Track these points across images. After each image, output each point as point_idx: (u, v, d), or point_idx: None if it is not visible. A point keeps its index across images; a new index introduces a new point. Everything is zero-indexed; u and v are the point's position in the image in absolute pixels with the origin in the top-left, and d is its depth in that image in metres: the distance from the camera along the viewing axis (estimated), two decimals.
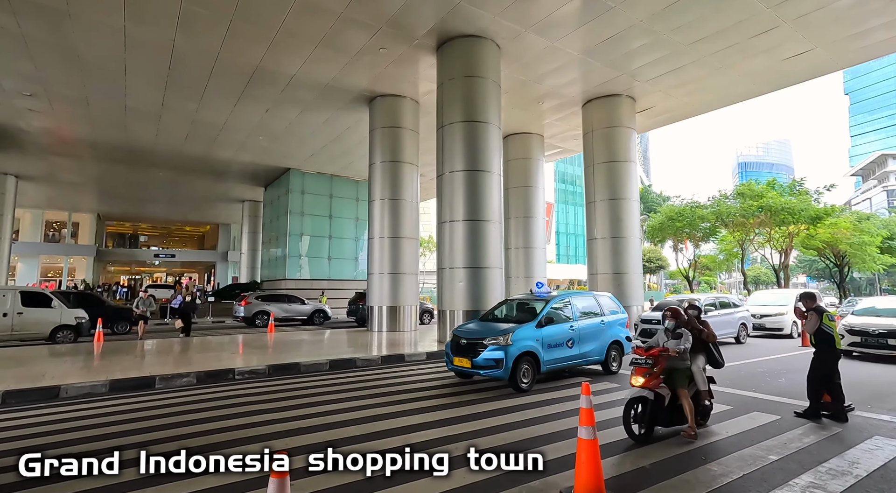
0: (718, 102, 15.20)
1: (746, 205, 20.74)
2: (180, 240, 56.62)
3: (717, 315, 11.50)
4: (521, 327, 6.69)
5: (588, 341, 7.44)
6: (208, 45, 11.15)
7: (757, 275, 57.67)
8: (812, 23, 10.34)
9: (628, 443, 4.11)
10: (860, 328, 9.44)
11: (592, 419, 3.06)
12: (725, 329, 11.61)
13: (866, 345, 9.26)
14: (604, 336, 7.71)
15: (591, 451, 2.99)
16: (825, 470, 3.48)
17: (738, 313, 12.39)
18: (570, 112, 15.79)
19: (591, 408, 3.09)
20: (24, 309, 11.41)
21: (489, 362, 6.26)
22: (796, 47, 11.36)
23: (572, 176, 73.82)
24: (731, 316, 12.05)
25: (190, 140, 18.33)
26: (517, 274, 17.67)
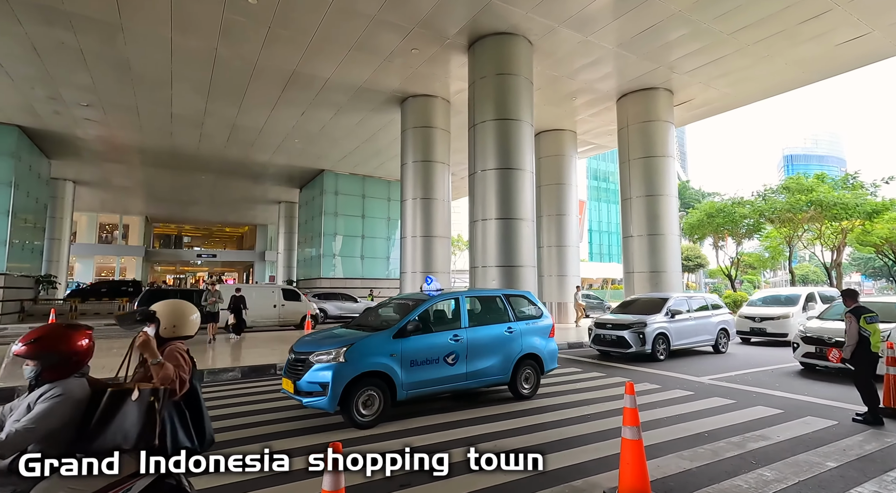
0: (763, 92, 14.50)
1: (794, 199, 19.65)
2: (221, 241, 58.99)
3: (687, 320, 9.88)
4: (370, 337, 5.02)
5: (484, 355, 5.62)
6: (248, 52, 11.57)
7: (805, 273, 54.61)
8: (869, 4, 9.70)
9: (672, 446, 3.99)
10: (814, 336, 7.64)
11: (637, 419, 2.99)
12: (700, 336, 10.05)
13: (822, 356, 7.41)
14: (511, 348, 5.86)
15: (635, 451, 2.93)
16: (891, 479, 3.27)
17: (716, 316, 10.59)
18: (603, 107, 15.44)
19: (636, 408, 3.03)
20: (285, 302, 15.01)
21: (313, 386, 4.55)
22: (851, 31, 10.68)
23: (605, 172, 72.23)
24: (706, 320, 10.28)
25: (230, 144, 19.06)
26: (550, 273, 17.44)
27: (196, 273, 56.01)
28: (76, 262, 36.66)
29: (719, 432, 4.39)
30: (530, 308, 6.60)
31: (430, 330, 5.47)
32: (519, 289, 10.69)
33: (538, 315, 6.48)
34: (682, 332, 9.68)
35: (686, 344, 9.82)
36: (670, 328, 9.41)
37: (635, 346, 8.91)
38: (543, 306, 6.77)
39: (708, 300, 11.02)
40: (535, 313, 6.53)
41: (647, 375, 7.58)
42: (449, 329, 5.59)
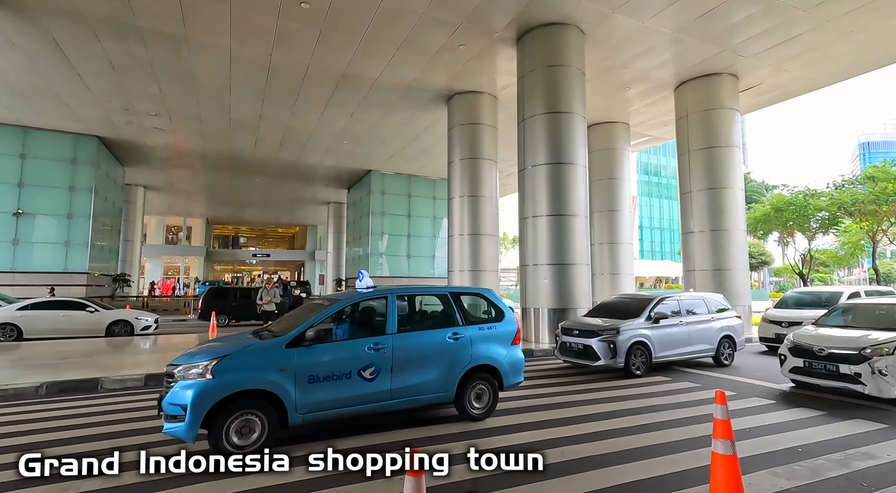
0: (843, 73, 13.19)
1: (878, 189, 17.79)
2: (274, 241, 61.72)
3: (677, 325, 7.96)
4: (250, 346, 4.12)
5: (417, 367, 4.58)
6: (300, 56, 11.90)
7: (888, 271, 49.63)
8: None
9: (756, 460, 3.62)
10: (803, 346, 6.21)
11: (730, 432, 2.71)
12: (695, 345, 8.13)
13: (811, 372, 6.02)
14: (456, 359, 4.79)
15: (730, 468, 2.65)
16: None
17: (719, 320, 8.61)
18: (660, 96, 14.65)
19: (728, 419, 2.74)
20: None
21: (175, 408, 3.71)
22: None
23: (656, 166, 69.17)
24: (705, 326, 8.34)
25: (283, 147, 19.79)
26: (602, 271, 16.81)
27: (251, 272, 58.93)
28: (146, 262, 39.56)
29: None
30: (489, 310, 5.41)
31: (345, 337, 4.55)
32: (573, 287, 10.31)
33: (498, 318, 5.27)
34: (670, 341, 7.82)
35: (676, 355, 7.95)
36: (652, 336, 7.59)
37: (604, 358, 7.23)
38: (508, 306, 5.49)
39: (709, 302, 8.88)
40: (493, 315, 5.32)
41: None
42: (370, 336, 4.52)
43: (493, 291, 5.65)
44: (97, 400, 5.87)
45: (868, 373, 5.41)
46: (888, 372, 5.30)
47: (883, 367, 5.34)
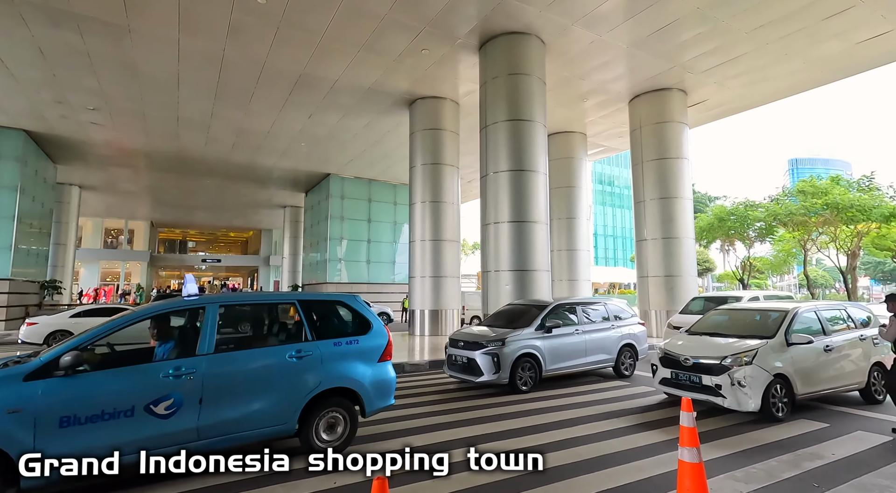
0: (779, 92, 14.21)
1: (809, 203, 19.33)
2: (225, 245, 58.98)
3: (572, 335, 7.38)
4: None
5: (240, 396, 3.69)
6: (256, 54, 11.40)
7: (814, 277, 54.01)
8: (892, 1, 9.42)
9: (720, 464, 3.68)
10: (671, 355, 5.71)
11: (696, 440, 2.71)
12: (593, 355, 7.56)
13: (678, 383, 5.55)
14: (298, 383, 3.92)
15: (696, 476, 2.64)
16: None
17: (620, 327, 8.05)
18: (615, 109, 15.20)
19: (694, 427, 2.74)
20: None
21: None
22: (874, 29, 10.41)
23: (610, 176, 72.02)
24: (604, 334, 7.78)
25: (236, 148, 18.92)
26: (560, 277, 17.15)
27: (200, 278, 55.98)
28: (81, 267, 36.62)
29: None
30: (351, 321, 4.55)
31: (138, 360, 3.71)
32: (533, 293, 10.37)
33: (362, 331, 4.42)
34: (564, 351, 7.22)
35: (570, 367, 7.33)
36: (543, 347, 6.97)
37: (487, 373, 6.50)
38: (376, 315, 4.62)
39: (610, 309, 8.26)
40: (356, 328, 4.46)
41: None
42: (179, 358, 3.60)
43: (358, 298, 4.69)
44: None
45: (728, 384, 4.98)
46: (747, 383, 4.89)
47: (742, 377, 4.94)
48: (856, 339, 5.95)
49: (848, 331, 5.99)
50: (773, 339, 5.26)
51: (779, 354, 5.17)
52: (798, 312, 5.70)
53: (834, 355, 5.59)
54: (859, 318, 6.32)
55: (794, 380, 5.13)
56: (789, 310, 5.70)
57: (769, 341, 5.23)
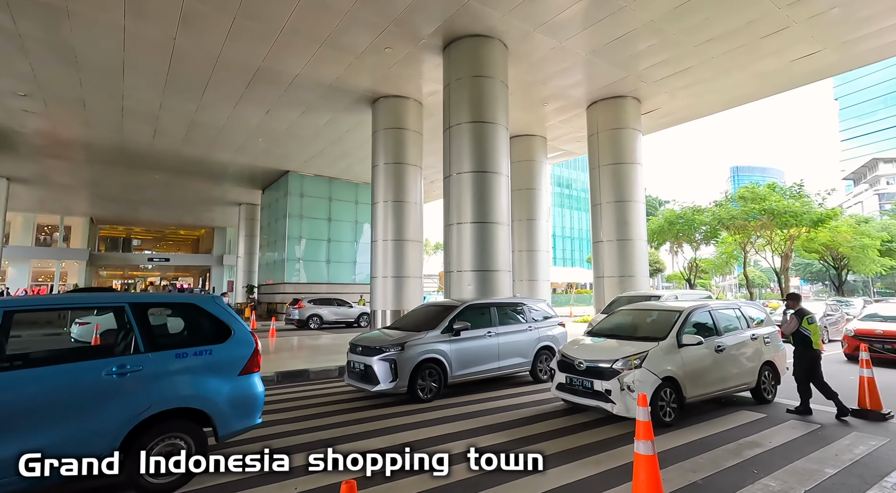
0: (724, 104, 15.14)
1: (748, 208, 20.75)
2: (174, 244, 56.02)
3: (483, 337, 6.84)
4: None
5: (30, 425, 3.00)
6: (210, 44, 10.90)
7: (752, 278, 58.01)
8: (824, 23, 10.27)
9: (673, 455, 3.87)
10: (566, 359, 5.44)
11: (651, 433, 2.83)
12: (507, 359, 7.06)
13: (572, 389, 5.23)
14: (119, 405, 3.22)
15: (649, 468, 2.77)
16: (891, 486, 3.28)
17: (538, 329, 7.55)
18: (574, 114, 15.67)
19: (649, 421, 2.87)
20: None
21: None
22: (806, 48, 11.30)
23: (568, 179, 74.15)
24: (519, 336, 7.28)
25: (188, 142, 18.01)
26: (521, 277, 17.48)
27: (146, 278, 52.86)
28: (9, 266, 33.67)
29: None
30: (205, 327, 3.83)
31: None
32: (496, 293, 10.51)
33: (220, 339, 3.76)
34: (474, 356, 6.68)
35: (481, 373, 6.78)
36: (450, 352, 6.40)
37: (384, 382, 5.88)
38: (240, 320, 3.97)
39: (530, 310, 7.75)
40: (210, 336, 3.77)
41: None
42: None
43: (216, 299, 3.98)
44: None
45: (617, 390, 4.71)
46: (636, 388, 4.62)
47: (631, 382, 4.67)
48: (748, 339, 5.86)
49: (741, 331, 5.89)
50: (664, 340, 5.08)
51: (669, 356, 4.97)
52: (691, 312, 5.53)
53: (725, 356, 5.46)
54: (753, 318, 6.23)
55: (684, 383, 4.92)
56: (682, 310, 5.53)
57: (661, 342, 5.05)
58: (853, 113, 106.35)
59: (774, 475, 3.47)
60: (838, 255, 26.03)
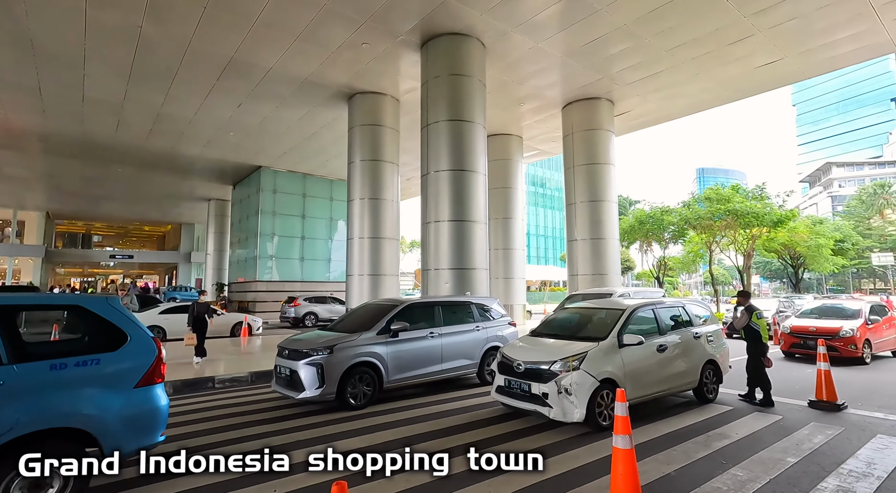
0: (692, 107, 15.66)
1: (714, 208, 21.55)
2: (138, 240, 53.89)
3: (424, 339, 6.40)
4: None
5: None
6: (179, 34, 10.50)
7: (716, 275, 60.40)
8: (785, 32, 10.76)
9: (647, 448, 4.00)
10: (506, 360, 5.20)
11: (629, 428, 2.92)
12: (452, 361, 6.63)
13: (510, 392, 4.98)
14: None
15: (627, 461, 2.85)
16: (846, 472, 3.48)
17: (485, 329, 7.15)
18: (549, 114, 15.89)
19: (627, 416, 2.96)
20: None
21: None
22: (768, 56, 11.80)
23: (542, 178, 75.15)
24: (466, 337, 6.89)
25: (154, 135, 17.32)
26: (497, 275, 17.62)
27: (108, 276, 50.63)
28: None
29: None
30: (95, 332, 3.41)
31: None
32: (473, 291, 10.56)
33: (113, 346, 3.31)
34: (414, 358, 6.23)
35: (422, 376, 6.34)
36: (386, 354, 5.93)
37: (309, 388, 5.37)
38: (139, 324, 3.50)
39: (479, 308, 7.37)
40: (100, 342, 3.33)
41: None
42: None
43: (111, 300, 3.52)
44: None
45: (555, 393, 4.48)
46: (573, 391, 4.41)
47: (569, 385, 4.44)
48: (691, 338, 5.70)
49: (684, 330, 5.73)
50: (605, 340, 4.86)
51: (609, 356, 4.75)
52: (634, 311, 5.35)
53: (667, 356, 5.29)
54: (698, 316, 6.12)
55: (624, 384, 4.71)
56: (625, 309, 5.37)
57: (601, 342, 4.83)
58: (809, 119, 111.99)
59: (742, 465, 3.64)
60: (795, 254, 27.38)
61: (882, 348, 9.55)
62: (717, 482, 3.29)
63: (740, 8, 9.78)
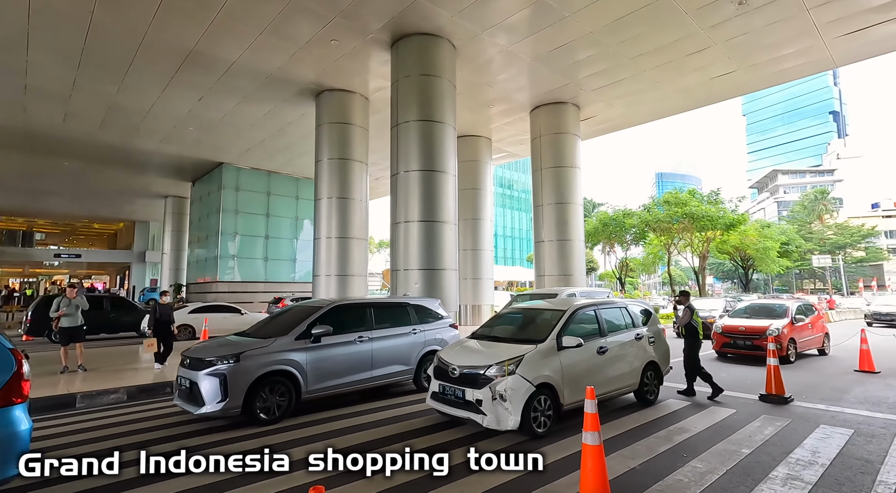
0: (652, 115, 16.29)
1: (672, 212, 22.57)
2: (87, 239, 50.84)
3: (352, 343, 5.87)
4: None
5: None
6: (135, 21, 9.98)
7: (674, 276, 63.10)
8: (737, 46, 11.37)
9: (613, 444, 4.12)
10: (441, 365, 4.97)
11: (598, 424, 3.00)
12: (384, 367, 6.15)
13: (445, 399, 4.75)
14: None
15: (596, 457, 2.93)
16: (794, 461, 3.71)
17: (423, 332, 6.73)
18: (518, 117, 16.13)
19: (596, 413, 3.04)
20: None
21: None
22: (723, 68, 12.44)
23: (509, 180, 76.21)
24: (401, 341, 6.44)
25: (106, 127, 16.38)
26: (465, 276, 17.71)
27: (52, 276, 47.48)
28: None
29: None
30: None
31: None
32: (442, 292, 10.56)
33: None
34: (338, 365, 5.69)
35: (349, 384, 5.77)
36: (305, 362, 5.37)
37: (210, 402, 4.79)
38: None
39: (415, 310, 6.89)
40: None
41: None
42: None
43: None
44: None
45: (489, 399, 4.22)
46: (508, 396, 4.15)
47: (503, 390, 4.19)
48: (632, 339, 5.58)
49: (626, 331, 5.60)
50: (543, 343, 4.64)
51: (547, 360, 4.54)
52: (574, 312, 5.18)
53: (608, 358, 5.14)
54: (641, 316, 6.01)
55: (562, 389, 4.52)
56: (565, 310, 5.17)
57: (539, 345, 4.61)
58: (758, 128, 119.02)
59: (701, 457, 3.81)
60: (746, 256, 29.06)
61: (807, 347, 9.53)
62: (679, 475, 3.44)
63: (698, 21, 10.27)
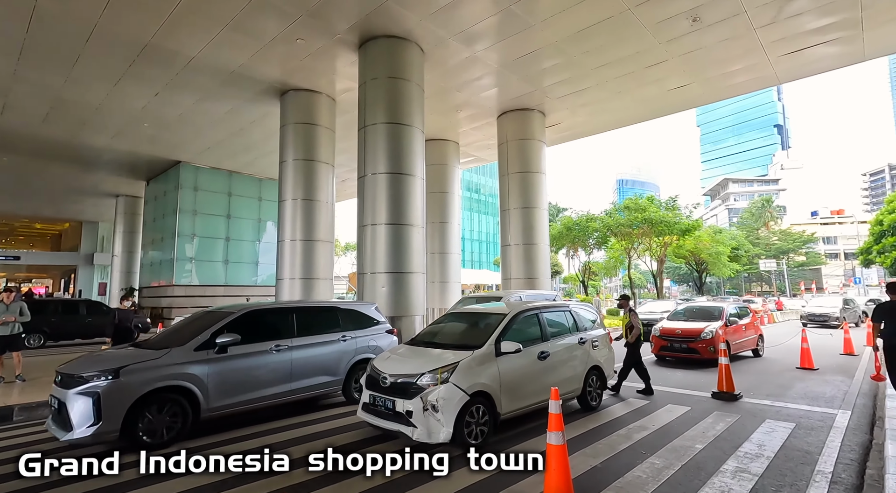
0: (614, 123, 16.89)
1: (632, 217, 23.46)
2: (27, 240, 47.46)
3: (267, 353, 5.31)
4: None
5: None
6: (84, 11, 9.43)
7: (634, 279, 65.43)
8: (692, 60, 11.97)
9: (576, 443, 4.22)
10: (372, 374, 4.74)
11: (561, 425, 3.06)
12: (305, 379, 5.61)
13: (376, 410, 4.42)
14: None
15: (560, 456, 2.99)
16: (743, 454, 3.93)
17: (354, 339, 6.26)
18: (485, 122, 16.34)
19: (560, 414, 3.10)
20: None
21: None
22: (679, 80, 13.06)
23: (477, 184, 77.02)
24: (326, 349, 5.93)
25: (50, 121, 15.37)
26: (433, 279, 17.73)
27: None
28: None
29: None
30: None
31: None
32: (410, 295, 10.52)
33: None
34: (249, 379, 5.14)
35: (262, 399, 5.21)
36: (206, 375, 4.79)
37: (80, 426, 4.07)
38: None
39: (347, 314, 6.49)
40: None
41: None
42: None
43: None
44: None
45: (419, 410, 3.96)
46: (440, 407, 3.92)
47: (435, 400, 3.95)
48: (575, 343, 5.44)
49: (569, 335, 5.45)
50: (480, 349, 4.40)
51: (484, 367, 4.30)
52: (516, 316, 4.97)
53: (549, 363, 4.92)
54: (585, 320, 5.89)
55: (499, 397, 4.30)
56: (506, 314, 4.96)
57: (475, 351, 4.37)
58: (710, 139, 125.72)
59: (658, 453, 3.97)
60: (700, 260, 30.58)
61: (742, 349, 9.61)
62: (638, 471, 3.57)
63: (655, 35, 10.74)
